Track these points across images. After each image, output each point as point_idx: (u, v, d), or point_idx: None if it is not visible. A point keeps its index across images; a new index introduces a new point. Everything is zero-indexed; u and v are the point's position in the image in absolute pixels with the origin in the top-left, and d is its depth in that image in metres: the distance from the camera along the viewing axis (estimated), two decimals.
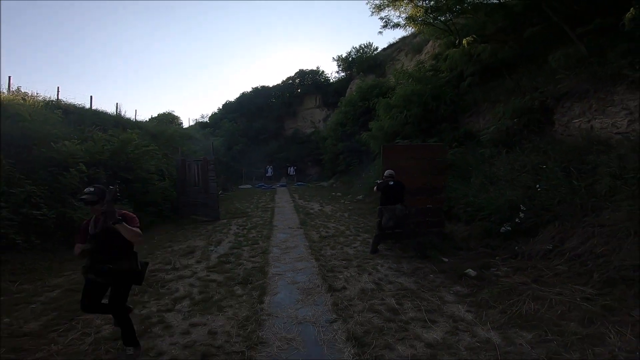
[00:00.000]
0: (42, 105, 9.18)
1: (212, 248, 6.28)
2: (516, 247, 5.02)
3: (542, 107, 7.48)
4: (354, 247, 6.11)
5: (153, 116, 25.28)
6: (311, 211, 10.72)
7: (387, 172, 5.65)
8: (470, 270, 4.42)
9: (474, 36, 11.23)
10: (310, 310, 3.58)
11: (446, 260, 5.02)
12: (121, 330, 2.84)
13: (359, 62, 28.21)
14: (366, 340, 2.92)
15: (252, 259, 5.52)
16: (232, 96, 57.41)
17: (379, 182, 5.75)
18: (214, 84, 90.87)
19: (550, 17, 8.34)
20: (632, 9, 5.95)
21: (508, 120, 7.59)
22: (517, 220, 5.16)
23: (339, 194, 15.17)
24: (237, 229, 8.21)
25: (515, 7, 9.57)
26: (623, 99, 6.01)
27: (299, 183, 23.26)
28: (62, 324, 3.39)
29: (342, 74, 30.43)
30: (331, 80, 30.92)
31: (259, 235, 7.29)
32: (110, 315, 3.11)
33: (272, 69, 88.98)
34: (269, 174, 25.87)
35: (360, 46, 29.53)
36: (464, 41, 11.02)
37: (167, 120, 23.46)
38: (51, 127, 7.55)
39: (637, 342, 2.61)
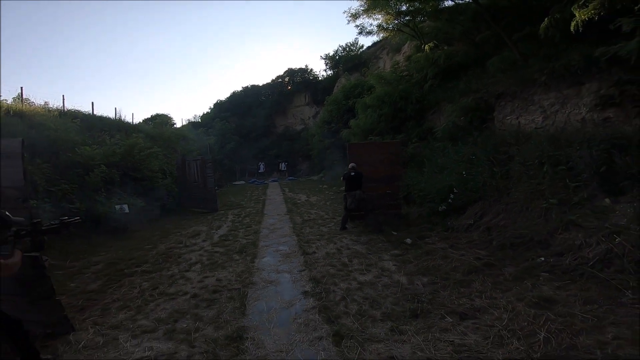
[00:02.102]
0: (57, 114, 10.47)
1: (213, 231, 7.72)
2: (449, 222, 6.52)
3: (486, 106, 8.96)
4: (328, 227, 7.60)
5: (146, 118, 26.46)
6: (298, 201, 12.18)
7: (350, 165, 7.13)
8: (408, 239, 5.93)
9: (435, 42, 12.67)
10: (287, 266, 5.08)
11: (395, 233, 6.51)
12: None
13: (345, 61, 29.50)
14: (321, 280, 4.40)
15: (246, 237, 7.00)
16: (223, 95, 58.46)
17: (344, 173, 7.22)
18: (204, 83, 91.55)
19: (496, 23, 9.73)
20: (546, 19, 7.07)
21: (456, 118, 9.07)
22: (449, 200, 6.65)
23: (325, 186, 16.63)
24: (233, 217, 9.65)
25: (466, 14, 10.94)
26: (539, 99, 7.47)
27: (290, 178, 24.67)
28: (113, 284, 4.76)
29: (330, 72, 31.68)
30: (320, 78, 32.13)
31: (252, 221, 8.76)
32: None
33: (261, 68, 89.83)
34: (261, 170, 27.24)
35: (346, 44, 30.85)
36: (426, 47, 12.46)
37: (162, 121, 24.58)
38: (73, 135, 8.85)
39: (492, 287, 3.91)
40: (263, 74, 58.44)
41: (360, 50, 29.73)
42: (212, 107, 35.28)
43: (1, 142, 2.93)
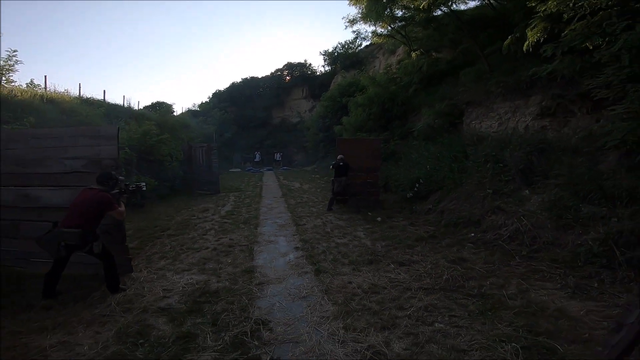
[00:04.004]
0: (80, 102, 11.73)
1: (220, 208, 9.16)
2: (414, 207, 8.05)
3: (457, 111, 10.43)
4: (318, 208, 9.11)
5: (147, 105, 27.39)
6: (292, 188, 13.65)
7: (339, 157, 8.59)
8: (379, 217, 7.44)
9: (422, 50, 14.06)
10: (283, 232, 6.58)
11: (370, 214, 8.01)
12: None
13: (343, 58, 30.56)
14: (309, 241, 5.90)
15: (249, 213, 8.47)
16: (221, 85, 59.33)
17: (333, 163, 8.69)
18: (202, 72, 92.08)
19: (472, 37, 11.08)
20: (509, 37, 8.21)
21: (432, 121, 10.55)
22: (415, 189, 8.16)
23: (317, 176, 18.07)
24: (235, 198, 11.09)
25: (448, 27, 12.28)
26: (497, 107, 8.92)
27: (285, 167, 26.06)
28: (148, 243, 6.13)
29: (328, 68, 32.73)
30: (317, 74, 33.21)
31: (252, 202, 10.23)
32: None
33: (261, 61, 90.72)
34: (257, 159, 28.52)
35: (345, 42, 31.81)
36: (413, 54, 13.87)
37: (166, 110, 25.65)
38: (98, 120, 10.16)
39: (429, 250, 5.36)
40: (262, 67, 59.86)
41: (359, 48, 30.78)
42: (210, 96, 36.26)
43: (102, 128, 4.34)
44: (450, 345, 2.83)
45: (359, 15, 15.07)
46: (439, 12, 12.52)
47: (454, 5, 11.64)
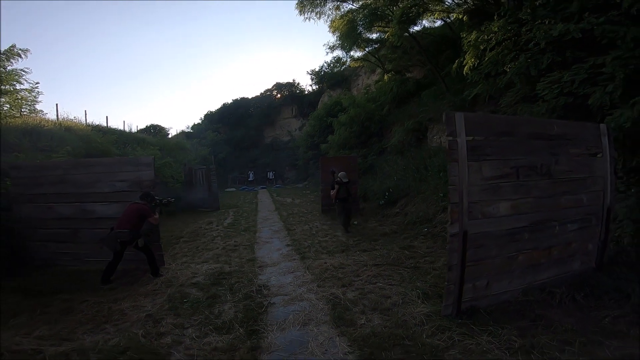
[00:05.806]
0: (91, 129, 13.29)
1: (222, 220, 10.71)
2: (385, 211, 9.69)
3: (423, 128, 12.20)
4: (307, 217, 10.75)
5: (141, 128, 28.86)
6: (285, 203, 15.24)
7: (336, 172, 10.17)
8: (356, 222, 9.06)
9: (393, 72, 16.00)
10: (277, 236, 8.19)
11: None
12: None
13: (329, 77, 32.54)
14: (297, 240, 7.50)
15: (248, 223, 10.05)
16: (213, 106, 61.23)
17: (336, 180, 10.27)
18: (193, 92, 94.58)
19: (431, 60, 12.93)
20: (456, 61, 9.52)
21: (402, 137, 12.32)
22: (385, 197, 9.83)
23: (308, 192, 19.70)
24: (234, 213, 12.64)
25: (413, 51, 14.13)
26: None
27: (278, 185, 27.63)
28: (168, 247, 7.61)
29: (315, 86, 34.66)
30: (306, 92, 35.07)
31: (249, 215, 11.81)
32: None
33: (250, 82, 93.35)
34: (251, 178, 30.02)
35: (331, 61, 33.93)
36: (385, 76, 15.79)
37: (162, 134, 27.25)
38: (110, 147, 11.73)
39: (388, 241, 7.02)
40: (252, 87, 61.84)
41: (343, 67, 32.74)
42: (202, 118, 37.85)
43: (142, 158, 5.96)
44: (382, 294, 4.39)
45: (338, 42, 16.99)
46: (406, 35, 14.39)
47: (414, 28, 13.41)
